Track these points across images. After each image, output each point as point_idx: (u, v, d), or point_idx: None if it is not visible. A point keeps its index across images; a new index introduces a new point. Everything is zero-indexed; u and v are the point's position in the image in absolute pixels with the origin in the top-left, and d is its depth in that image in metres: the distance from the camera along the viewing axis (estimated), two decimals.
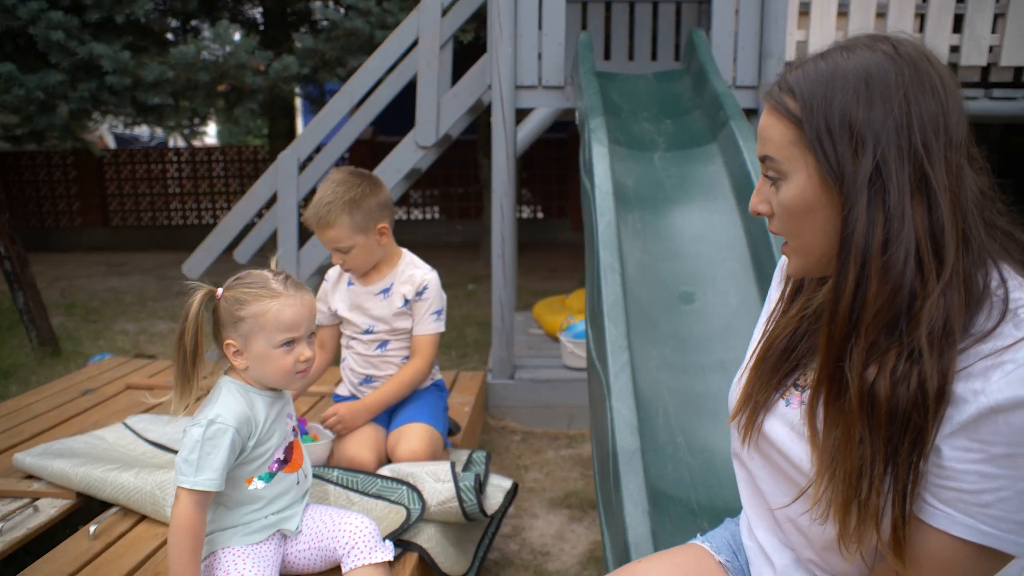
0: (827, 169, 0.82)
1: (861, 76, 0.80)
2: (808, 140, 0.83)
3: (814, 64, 0.85)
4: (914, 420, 0.77)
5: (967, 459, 0.76)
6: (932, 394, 0.76)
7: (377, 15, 5.30)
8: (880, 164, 0.79)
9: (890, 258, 0.78)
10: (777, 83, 0.88)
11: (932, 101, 0.79)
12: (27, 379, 3.73)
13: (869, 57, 0.81)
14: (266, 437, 1.42)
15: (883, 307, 0.78)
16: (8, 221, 3.98)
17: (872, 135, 0.79)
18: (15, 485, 1.95)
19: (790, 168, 0.86)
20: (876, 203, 0.79)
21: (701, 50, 2.93)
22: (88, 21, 5.18)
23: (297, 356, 1.40)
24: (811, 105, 0.82)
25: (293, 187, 3.49)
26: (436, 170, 9.87)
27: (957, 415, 0.76)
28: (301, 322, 1.39)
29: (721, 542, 1.16)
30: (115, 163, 10.39)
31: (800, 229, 0.87)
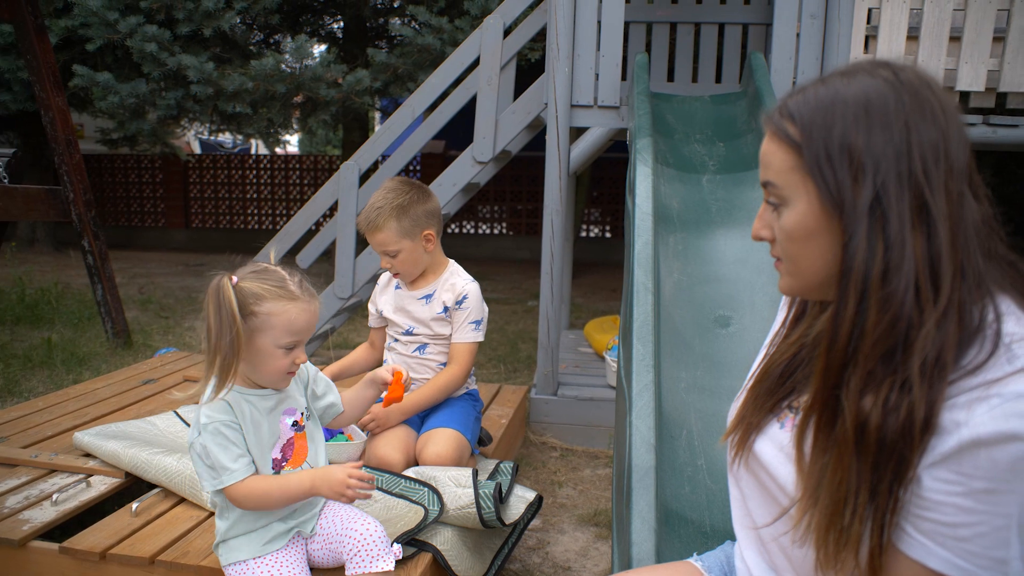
0: (826, 196, 0.81)
1: (861, 102, 0.80)
2: (808, 166, 0.83)
3: (814, 89, 0.85)
4: (899, 449, 0.77)
5: (947, 491, 0.76)
6: (919, 424, 0.76)
7: (449, 32, 5.45)
8: (880, 192, 0.78)
9: (890, 288, 0.77)
10: (778, 108, 0.88)
11: (932, 128, 0.79)
12: (99, 367, 3.97)
13: (869, 83, 0.81)
14: (249, 429, 1.43)
15: (882, 336, 0.78)
16: (93, 219, 4.25)
17: (872, 162, 0.79)
18: (73, 461, 2.09)
19: (791, 194, 0.85)
20: (876, 231, 0.78)
21: (758, 73, 2.91)
22: (179, 34, 5.51)
23: (294, 359, 1.42)
24: (811, 131, 0.82)
25: (353, 197, 3.62)
26: (504, 186, 10.01)
27: (940, 445, 0.76)
28: (309, 329, 1.43)
29: (714, 562, 1.16)
30: (199, 168, 10.94)
31: (799, 254, 0.87)
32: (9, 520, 1.76)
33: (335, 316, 3.72)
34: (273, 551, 1.48)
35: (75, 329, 4.89)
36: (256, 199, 10.91)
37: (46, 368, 3.94)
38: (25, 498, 1.89)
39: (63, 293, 6.10)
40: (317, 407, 1.63)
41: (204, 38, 5.69)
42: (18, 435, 2.31)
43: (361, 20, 6.99)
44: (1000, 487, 0.73)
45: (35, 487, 1.97)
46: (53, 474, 2.05)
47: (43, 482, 2.00)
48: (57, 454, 2.14)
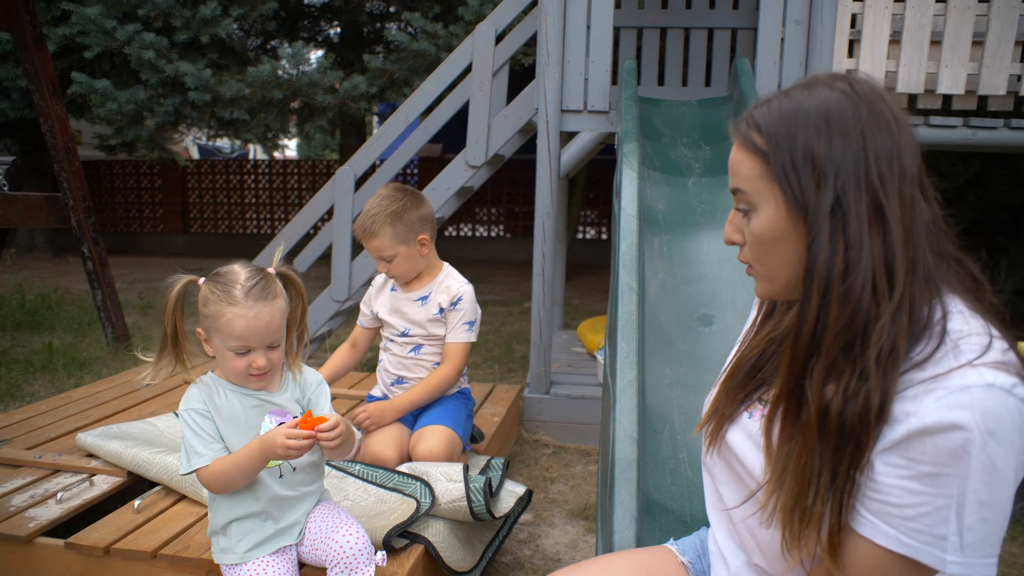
0: (792, 201, 0.88)
1: (822, 113, 0.87)
2: (774, 173, 0.89)
3: (778, 101, 0.91)
4: (857, 434, 0.84)
5: (895, 475, 0.82)
6: (874, 411, 0.82)
7: (443, 38, 5.52)
8: (840, 195, 0.85)
9: (850, 284, 0.84)
10: (744, 119, 0.94)
11: (887, 137, 0.86)
12: (100, 371, 4.03)
13: (828, 95, 0.88)
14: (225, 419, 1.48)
15: (843, 329, 0.84)
16: (93, 225, 4.32)
17: (833, 168, 0.85)
18: (76, 461, 2.15)
19: (759, 200, 0.91)
20: (837, 232, 0.85)
21: (743, 77, 2.97)
22: (176, 41, 5.58)
23: (250, 362, 1.43)
24: (776, 141, 0.88)
25: (349, 201, 3.68)
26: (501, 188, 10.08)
27: (890, 433, 0.83)
28: (251, 335, 1.40)
29: (688, 545, 1.22)
30: (197, 173, 11.00)
31: (768, 257, 0.93)
32: (16, 518, 1.82)
33: (332, 319, 3.78)
34: (262, 555, 1.51)
35: (76, 334, 4.95)
36: (255, 204, 10.97)
37: (48, 372, 4.00)
38: (31, 497, 1.95)
39: (63, 299, 6.16)
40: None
41: (202, 45, 5.76)
42: (22, 437, 2.37)
43: (358, 26, 7.06)
44: (943, 471, 0.79)
45: (40, 486, 2.03)
46: (57, 474, 2.11)
47: (47, 481, 2.06)
48: (61, 455, 2.20)
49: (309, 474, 1.58)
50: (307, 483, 1.58)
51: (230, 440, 1.49)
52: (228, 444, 1.49)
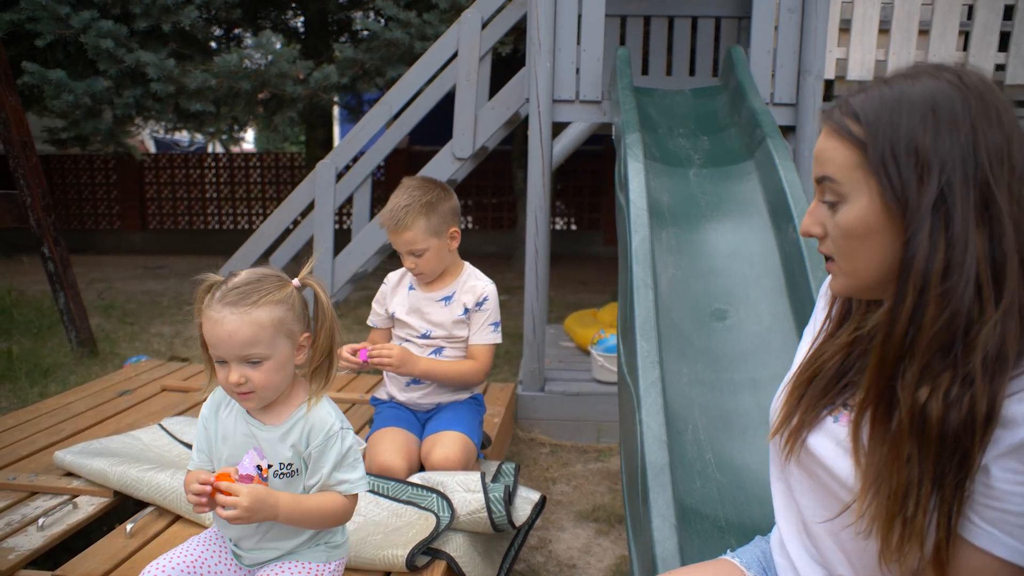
0: (890, 194, 0.82)
1: (928, 103, 0.82)
2: (872, 164, 0.84)
3: (878, 89, 0.86)
4: (963, 442, 0.78)
5: (1015, 481, 0.77)
6: (980, 418, 0.77)
7: (417, 27, 5.37)
8: (945, 191, 0.80)
9: (950, 284, 0.79)
10: (838, 106, 0.89)
11: (998, 131, 0.81)
12: (66, 379, 3.82)
13: (935, 85, 0.83)
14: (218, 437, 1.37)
15: (940, 331, 0.79)
16: (53, 224, 4.09)
17: (938, 162, 0.80)
18: (56, 482, 2.00)
19: (851, 191, 0.86)
20: (939, 229, 0.80)
21: (739, 67, 2.92)
22: (136, 29, 5.33)
23: (226, 375, 1.27)
24: (876, 130, 0.83)
25: (330, 195, 3.54)
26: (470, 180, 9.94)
27: (1009, 437, 0.77)
28: (217, 343, 1.25)
29: (751, 559, 1.16)
30: (155, 167, 10.64)
31: (855, 252, 0.88)
32: None
33: None
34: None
35: (35, 339, 4.70)
36: (216, 198, 10.66)
37: (8, 381, 3.78)
38: (7, 524, 1.79)
39: (17, 301, 5.87)
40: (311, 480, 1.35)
41: (163, 34, 5.51)
42: None
43: (323, 14, 6.86)
44: None
45: (16, 512, 1.87)
46: (34, 496, 1.95)
47: (24, 506, 1.90)
48: (37, 475, 2.04)
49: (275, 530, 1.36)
50: (275, 539, 1.37)
51: (220, 456, 1.37)
52: (216, 459, 1.37)
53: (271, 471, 1.31)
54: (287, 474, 1.32)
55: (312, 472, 1.33)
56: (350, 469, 1.35)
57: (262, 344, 1.26)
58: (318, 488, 1.33)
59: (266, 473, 1.31)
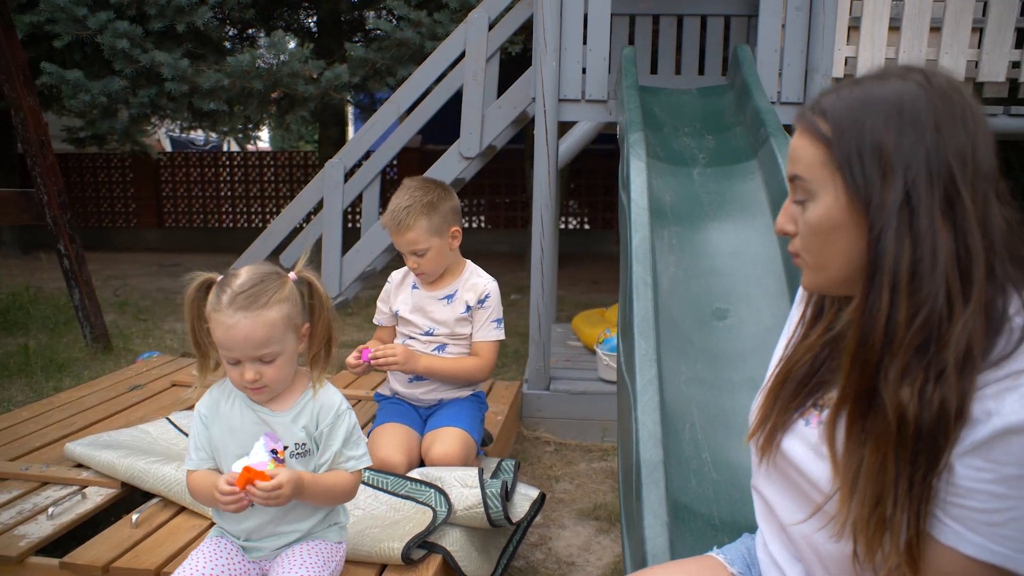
0: (854, 192, 0.84)
1: (893, 104, 0.83)
2: (837, 162, 0.85)
3: (848, 89, 0.87)
4: (935, 439, 0.79)
5: (979, 478, 0.78)
6: (952, 415, 0.78)
7: (427, 26, 5.40)
8: (910, 190, 0.81)
9: (920, 282, 0.80)
10: (811, 105, 0.91)
11: (962, 132, 0.81)
12: (80, 373, 3.89)
13: (901, 86, 0.84)
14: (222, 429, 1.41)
15: (917, 330, 0.80)
16: (69, 221, 4.16)
17: (902, 161, 0.81)
18: (66, 473, 2.05)
19: (818, 188, 0.88)
20: (904, 228, 0.81)
21: (745, 66, 2.92)
22: (151, 30, 5.40)
23: (240, 373, 1.33)
24: (842, 128, 0.85)
25: (339, 194, 3.58)
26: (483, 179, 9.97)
27: (971, 435, 0.78)
28: (232, 346, 1.30)
29: (736, 555, 1.17)
30: (170, 166, 10.75)
31: (822, 248, 0.89)
32: (5, 536, 1.72)
33: None
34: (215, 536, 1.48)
35: (51, 335, 4.78)
36: (230, 197, 10.75)
37: (24, 376, 3.85)
38: (19, 512, 1.85)
39: (35, 297, 5.97)
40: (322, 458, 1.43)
41: (177, 34, 5.58)
42: (5, 447, 2.25)
43: (336, 14, 6.90)
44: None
45: (28, 501, 1.92)
46: (46, 487, 2.00)
47: (36, 495, 1.95)
48: (48, 466, 2.09)
49: (295, 511, 1.44)
50: (294, 521, 1.45)
51: (227, 452, 1.40)
52: (223, 453, 1.41)
53: (287, 452, 1.39)
54: (302, 454, 1.41)
55: (323, 449, 1.42)
56: (355, 446, 1.45)
57: (275, 342, 1.33)
58: (328, 465, 1.42)
59: (283, 455, 1.38)
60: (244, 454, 1.34)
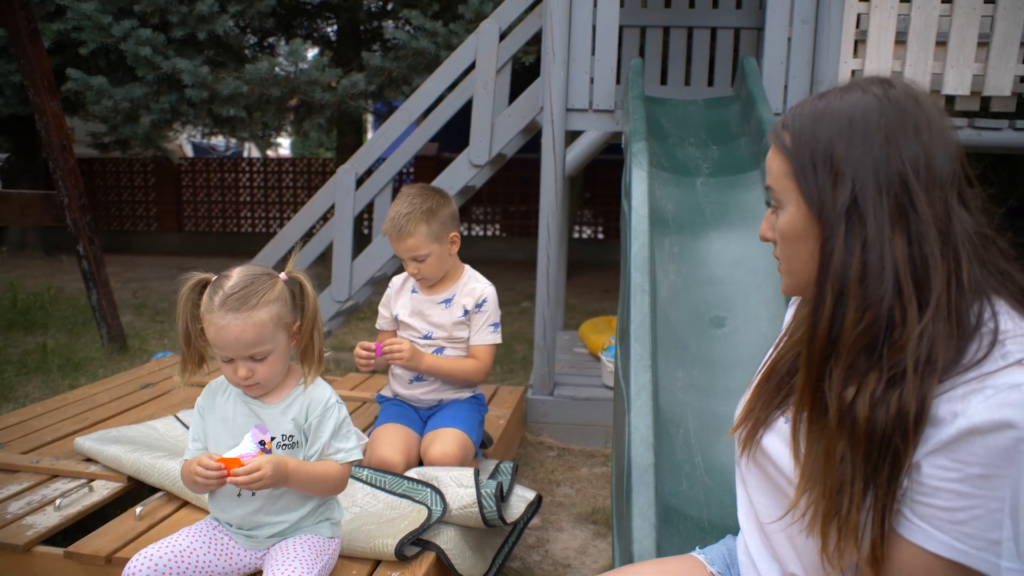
0: (807, 199, 0.89)
1: (846, 115, 0.87)
2: (795, 172, 0.90)
3: (812, 103, 0.92)
4: (893, 442, 0.81)
5: (944, 477, 0.80)
6: (911, 418, 0.80)
7: (443, 36, 5.47)
8: (858, 197, 0.84)
9: (868, 286, 0.83)
10: (781, 120, 0.96)
11: (914, 142, 0.85)
12: (95, 372, 3.97)
13: (859, 98, 0.88)
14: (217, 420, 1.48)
15: (862, 332, 0.83)
16: (89, 224, 4.26)
17: (851, 170, 0.85)
18: (75, 466, 2.10)
19: (784, 198, 0.93)
20: (854, 234, 0.84)
21: (750, 77, 2.94)
22: (173, 37, 5.52)
23: (233, 370, 1.40)
24: (800, 140, 0.90)
25: (350, 201, 3.63)
26: (498, 187, 10.04)
27: (937, 435, 0.80)
28: (224, 344, 1.36)
29: (716, 555, 1.19)
30: (191, 171, 10.91)
31: (791, 255, 0.94)
32: (13, 525, 1.77)
33: (332, 319, 3.74)
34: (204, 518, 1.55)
35: (70, 334, 4.88)
36: (249, 202, 10.89)
37: (42, 373, 3.94)
38: (28, 503, 1.90)
39: (56, 298, 6.09)
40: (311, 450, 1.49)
41: (198, 42, 5.69)
42: (18, 440, 2.32)
43: (355, 23, 7.01)
44: (994, 472, 0.77)
45: (37, 492, 1.98)
46: (55, 479, 2.06)
47: (45, 487, 2.01)
48: (58, 459, 2.15)
49: (281, 501, 1.48)
50: (280, 511, 1.49)
51: (219, 441, 1.46)
52: (216, 444, 1.46)
53: (274, 443, 1.44)
54: (289, 445, 1.45)
55: (312, 441, 1.47)
56: (344, 439, 1.49)
57: (266, 341, 1.38)
58: (317, 456, 1.47)
59: (270, 446, 1.43)
60: (235, 445, 1.39)
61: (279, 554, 1.46)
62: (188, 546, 1.47)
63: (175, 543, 1.47)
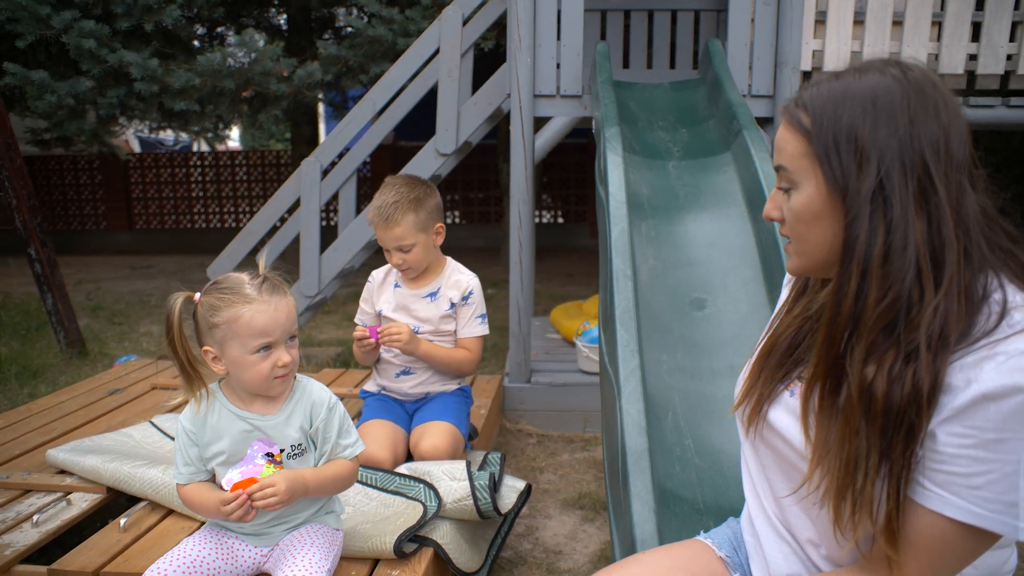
0: (832, 181, 0.88)
1: (869, 97, 0.87)
2: (816, 153, 0.90)
3: (828, 83, 0.92)
4: (908, 416, 0.83)
5: (960, 444, 0.82)
6: (925, 392, 0.82)
7: (399, 23, 5.38)
8: (884, 179, 0.85)
9: (891, 267, 0.84)
10: (794, 99, 0.96)
11: (935, 123, 0.85)
12: (55, 379, 3.84)
13: (879, 80, 0.88)
14: (212, 440, 1.43)
15: (884, 311, 0.85)
16: (39, 225, 4.10)
17: (876, 152, 0.86)
18: (49, 479, 2.03)
19: (800, 178, 0.93)
20: (878, 215, 0.85)
21: (716, 60, 2.97)
22: (118, 29, 5.32)
23: (275, 361, 1.38)
24: (821, 121, 0.90)
25: (316, 192, 3.57)
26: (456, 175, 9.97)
27: (951, 402, 0.82)
28: (275, 327, 1.36)
29: (723, 539, 1.20)
30: (140, 167, 10.59)
31: (804, 235, 0.94)
32: None
33: (302, 313, 3.67)
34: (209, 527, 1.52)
35: (23, 341, 4.71)
36: (202, 197, 10.62)
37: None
38: (2, 521, 1.82)
39: (4, 303, 5.87)
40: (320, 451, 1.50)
41: (145, 33, 5.50)
42: None
43: (306, 11, 6.85)
44: (1008, 436, 0.80)
45: (11, 509, 1.90)
46: (28, 494, 1.98)
47: (19, 503, 1.93)
48: (31, 473, 2.08)
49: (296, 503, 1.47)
50: (295, 510, 1.50)
51: (220, 459, 1.43)
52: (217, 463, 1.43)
53: (284, 454, 1.43)
54: (298, 454, 1.45)
55: (322, 443, 1.47)
56: (347, 434, 1.51)
57: (296, 322, 1.43)
58: (327, 457, 1.47)
59: (279, 457, 1.42)
60: (236, 462, 1.36)
61: (292, 543, 1.46)
62: (198, 555, 1.44)
63: (184, 555, 1.44)
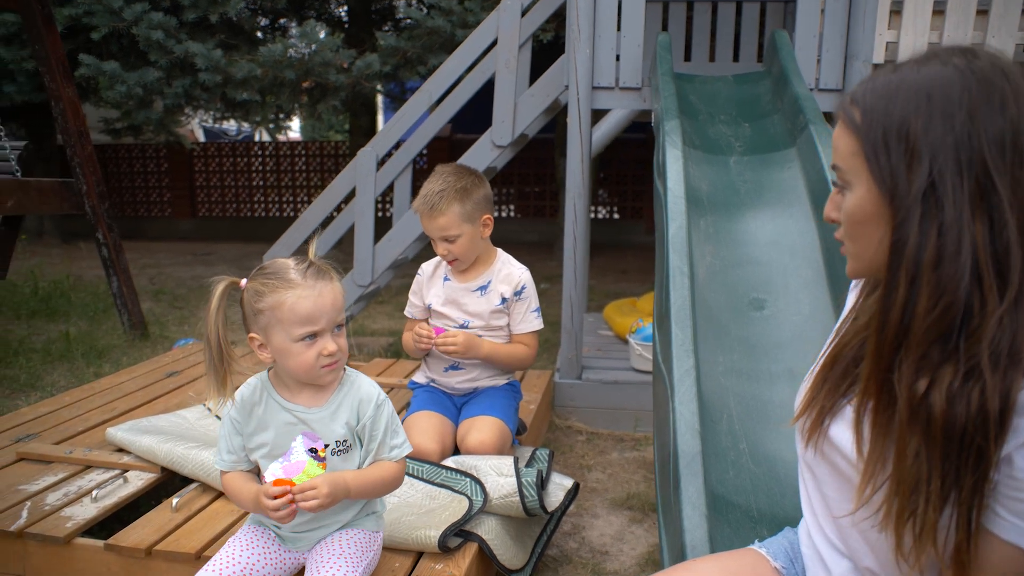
0: (880, 181, 0.82)
1: (924, 90, 0.80)
2: (865, 151, 0.83)
3: (884, 76, 0.85)
4: (975, 439, 0.76)
5: None
6: (994, 414, 0.75)
7: (458, 14, 5.38)
8: (936, 179, 0.78)
9: (943, 273, 0.77)
10: (850, 94, 0.89)
11: (999, 118, 0.77)
12: (119, 360, 3.96)
13: (938, 71, 0.80)
14: (256, 431, 1.40)
15: (935, 321, 0.78)
16: (107, 211, 4.23)
17: (929, 150, 0.78)
18: (108, 457, 2.09)
19: (852, 178, 0.87)
20: (930, 218, 0.78)
21: (783, 52, 2.86)
22: (185, 20, 5.46)
23: (320, 350, 1.31)
24: (872, 117, 0.83)
25: (371, 183, 3.59)
26: (512, 168, 9.96)
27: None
28: (320, 315, 1.30)
29: (779, 549, 1.15)
30: (204, 156, 10.89)
31: (858, 236, 0.89)
32: (52, 517, 1.76)
33: (355, 303, 3.70)
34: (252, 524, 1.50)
35: (91, 322, 4.88)
36: (262, 186, 10.87)
37: (66, 362, 3.94)
38: (64, 495, 1.89)
39: (75, 286, 6.10)
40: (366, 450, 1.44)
41: (210, 24, 5.63)
42: (49, 431, 2.30)
43: (367, 3, 6.91)
44: None
45: (73, 483, 1.96)
46: (89, 470, 2.05)
47: (80, 478, 1.99)
48: (91, 449, 2.14)
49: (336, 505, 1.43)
50: (334, 512, 1.45)
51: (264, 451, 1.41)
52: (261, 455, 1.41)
53: (328, 450, 1.38)
54: (343, 451, 1.40)
55: (368, 441, 1.42)
56: (395, 434, 1.45)
57: (344, 310, 1.37)
58: (373, 456, 1.42)
59: (323, 453, 1.37)
60: (281, 454, 1.34)
61: (326, 551, 1.42)
62: (247, 561, 1.42)
63: (233, 560, 1.41)
